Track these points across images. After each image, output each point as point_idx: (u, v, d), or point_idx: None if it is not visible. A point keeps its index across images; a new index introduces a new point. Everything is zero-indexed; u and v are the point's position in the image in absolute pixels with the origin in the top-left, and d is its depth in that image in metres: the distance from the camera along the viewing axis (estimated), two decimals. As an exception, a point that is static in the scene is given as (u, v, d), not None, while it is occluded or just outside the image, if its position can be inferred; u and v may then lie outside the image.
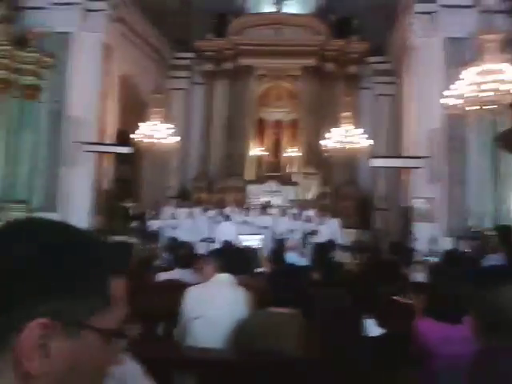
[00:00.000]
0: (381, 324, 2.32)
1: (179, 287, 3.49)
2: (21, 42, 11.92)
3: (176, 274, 4.02)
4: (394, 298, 3.28)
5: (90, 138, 12.33)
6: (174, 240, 7.60)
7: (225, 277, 3.24)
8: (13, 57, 11.64)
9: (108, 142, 13.10)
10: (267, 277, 3.47)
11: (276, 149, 17.47)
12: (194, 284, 3.53)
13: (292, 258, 5.97)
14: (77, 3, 12.29)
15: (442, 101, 8.68)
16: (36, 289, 0.60)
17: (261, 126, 17.60)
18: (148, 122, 13.01)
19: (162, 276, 4.46)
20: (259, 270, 5.32)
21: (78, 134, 12.08)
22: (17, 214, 11.14)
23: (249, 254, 4.36)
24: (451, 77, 10.00)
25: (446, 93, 8.63)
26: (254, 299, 3.21)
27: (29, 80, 11.94)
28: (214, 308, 3.05)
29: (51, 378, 0.60)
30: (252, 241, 10.49)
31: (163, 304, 3.51)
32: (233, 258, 3.48)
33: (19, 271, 0.60)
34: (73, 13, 12.27)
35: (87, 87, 12.28)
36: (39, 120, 12.11)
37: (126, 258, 4.35)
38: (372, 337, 2.13)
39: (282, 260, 5.27)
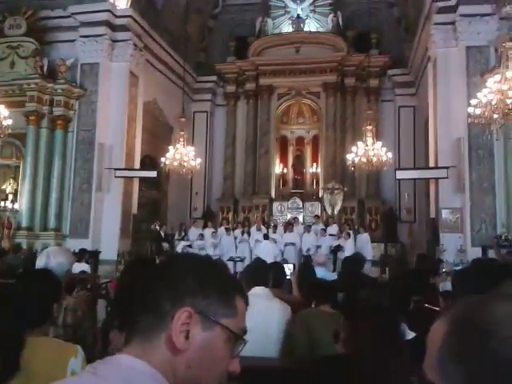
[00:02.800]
0: (411, 328, 2.40)
1: None
2: (51, 74, 12.47)
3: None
4: (425, 305, 3.35)
5: (118, 163, 12.70)
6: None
7: (259, 289, 3.36)
8: (44, 89, 12.16)
9: (135, 166, 13.44)
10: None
11: (299, 165, 17.60)
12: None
13: (321, 272, 6.01)
14: (103, 34, 12.80)
15: (468, 109, 8.69)
16: (190, 290, 0.86)
17: (283, 144, 17.81)
18: (173, 146, 13.32)
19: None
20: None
21: (107, 160, 12.46)
22: (49, 241, 11.53)
23: (280, 268, 4.46)
24: (474, 85, 10.05)
25: (471, 101, 8.63)
26: (290, 310, 3.33)
27: (59, 111, 12.43)
28: (252, 320, 3.16)
29: (187, 358, 0.84)
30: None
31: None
32: (264, 272, 3.61)
33: (184, 278, 0.87)
34: (100, 44, 12.78)
35: (115, 115, 12.73)
36: (68, 149, 12.53)
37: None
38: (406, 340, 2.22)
39: (311, 275, 5.33)
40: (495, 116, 8.11)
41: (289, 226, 13.05)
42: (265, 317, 3.18)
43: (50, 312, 2.09)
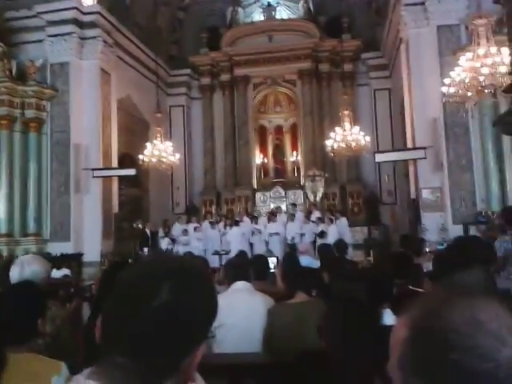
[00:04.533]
0: (396, 312, 2.39)
1: None
2: (21, 76, 12.17)
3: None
4: (409, 287, 3.35)
5: (96, 163, 12.51)
6: (187, 254, 7.69)
7: (241, 284, 3.33)
8: (14, 92, 11.87)
9: (112, 165, 13.26)
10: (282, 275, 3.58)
11: (279, 154, 17.58)
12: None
13: (305, 261, 6.02)
14: (71, 32, 12.53)
15: (442, 89, 8.73)
16: (203, 329, 0.84)
17: (262, 134, 17.75)
18: (150, 142, 13.16)
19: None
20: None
21: (84, 161, 12.27)
22: (30, 246, 11.33)
23: (263, 261, 4.44)
24: (447, 64, 10.10)
25: (445, 80, 8.68)
26: (273, 303, 3.30)
27: (31, 113, 12.15)
28: (233, 316, 3.14)
29: None
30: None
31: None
32: (245, 266, 3.58)
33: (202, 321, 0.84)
34: (68, 43, 12.52)
35: (88, 114, 12.51)
36: (44, 151, 12.29)
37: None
38: (388, 325, 2.21)
39: (296, 264, 5.33)
40: (469, 94, 8.17)
41: (272, 216, 13.05)
42: (247, 312, 3.16)
43: (35, 327, 2.02)
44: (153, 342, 0.76)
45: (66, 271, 7.77)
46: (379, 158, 12.72)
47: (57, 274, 7.07)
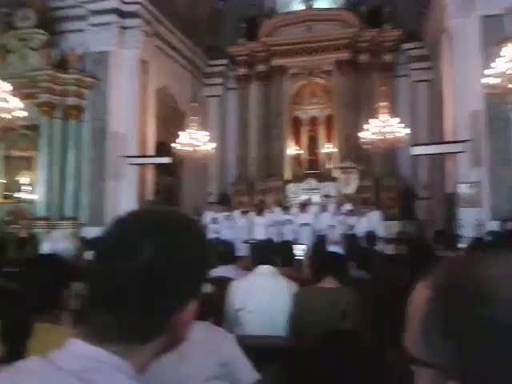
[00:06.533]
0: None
1: (225, 282, 3.54)
2: (62, 64, 12.52)
3: (219, 271, 4.14)
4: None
5: (132, 151, 12.76)
6: (214, 240, 7.79)
7: (266, 268, 3.35)
8: (55, 80, 12.22)
9: (149, 153, 13.50)
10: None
11: (313, 146, 17.45)
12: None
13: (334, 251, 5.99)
14: (113, 22, 12.76)
15: (483, 80, 8.45)
16: (192, 285, 0.80)
17: (296, 125, 17.64)
18: (186, 131, 13.31)
19: (207, 275, 4.57)
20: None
21: (121, 148, 12.54)
22: (66, 230, 11.68)
23: (289, 247, 4.44)
24: (490, 56, 9.71)
25: (486, 72, 8.39)
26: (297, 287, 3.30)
27: (71, 101, 12.49)
28: (256, 299, 3.16)
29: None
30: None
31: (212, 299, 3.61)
32: (272, 251, 3.59)
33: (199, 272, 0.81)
34: (109, 32, 12.76)
35: (127, 103, 12.74)
36: (83, 138, 12.63)
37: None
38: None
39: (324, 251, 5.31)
40: (511, 86, 7.88)
41: (303, 207, 13.02)
42: (271, 295, 3.18)
43: (59, 298, 2.09)
44: (134, 301, 0.73)
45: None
46: (416, 150, 12.41)
47: (90, 255, 7.28)
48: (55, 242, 2.95)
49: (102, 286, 0.75)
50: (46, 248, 2.93)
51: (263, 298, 3.16)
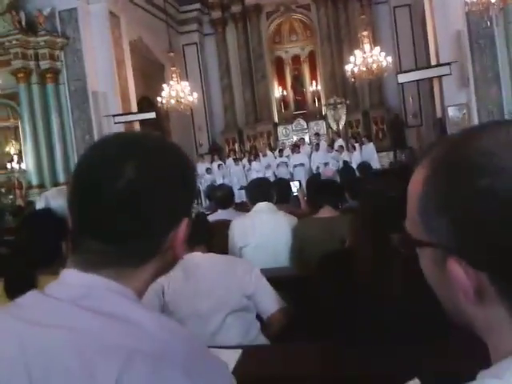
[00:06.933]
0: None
1: (226, 225, 3.53)
2: (31, 27, 12.01)
3: (219, 215, 4.17)
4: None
5: (115, 109, 12.50)
6: (211, 186, 7.82)
7: (264, 205, 3.37)
8: (26, 44, 11.77)
9: (132, 110, 13.24)
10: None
11: (298, 85, 17.17)
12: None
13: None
14: (76, -24, 12.15)
15: (463, -2, 8.22)
16: (181, 206, 0.78)
17: (279, 66, 17.29)
18: (167, 84, 13.01)
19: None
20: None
21: (104, 108, 12.27)
22: (61, 187, 11.64)
23: (285, 184, 4.46)
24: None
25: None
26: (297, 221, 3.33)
27: (46, 64, 12.09)
28: (257, 235, 3.21)
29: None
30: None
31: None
32: (268, 188, 3.60)
33: (188, 191, 0.80)
34: (74, -13, 12.17)
35: (102, 59, 12.35)
36: (63, 101, 12.34)
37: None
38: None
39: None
40: (493, 0, 7.68)
41: (296, 147, 12.99)
42: (271, 230, 3.22)
43: (58, 250, 2.11)
44: (123, 223, 0.71)
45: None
46: (402, 78, 12.22)
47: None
48: (49, 200, 2.94)
49: (89, 212, 0.73)
50: (41, 205, 2.93)
51: (265, 234, 3.21)
